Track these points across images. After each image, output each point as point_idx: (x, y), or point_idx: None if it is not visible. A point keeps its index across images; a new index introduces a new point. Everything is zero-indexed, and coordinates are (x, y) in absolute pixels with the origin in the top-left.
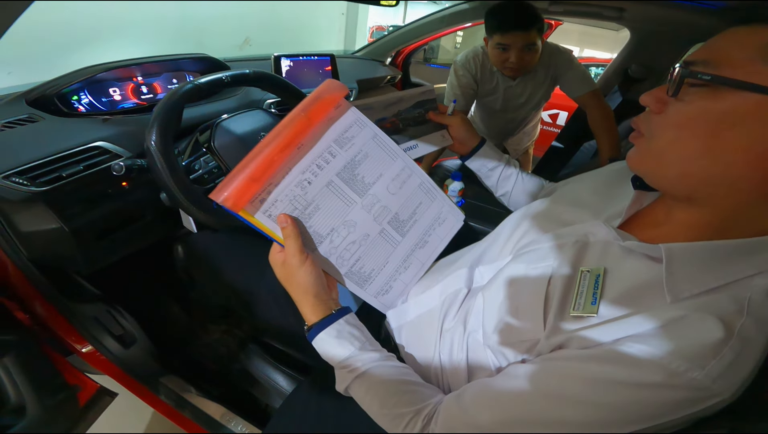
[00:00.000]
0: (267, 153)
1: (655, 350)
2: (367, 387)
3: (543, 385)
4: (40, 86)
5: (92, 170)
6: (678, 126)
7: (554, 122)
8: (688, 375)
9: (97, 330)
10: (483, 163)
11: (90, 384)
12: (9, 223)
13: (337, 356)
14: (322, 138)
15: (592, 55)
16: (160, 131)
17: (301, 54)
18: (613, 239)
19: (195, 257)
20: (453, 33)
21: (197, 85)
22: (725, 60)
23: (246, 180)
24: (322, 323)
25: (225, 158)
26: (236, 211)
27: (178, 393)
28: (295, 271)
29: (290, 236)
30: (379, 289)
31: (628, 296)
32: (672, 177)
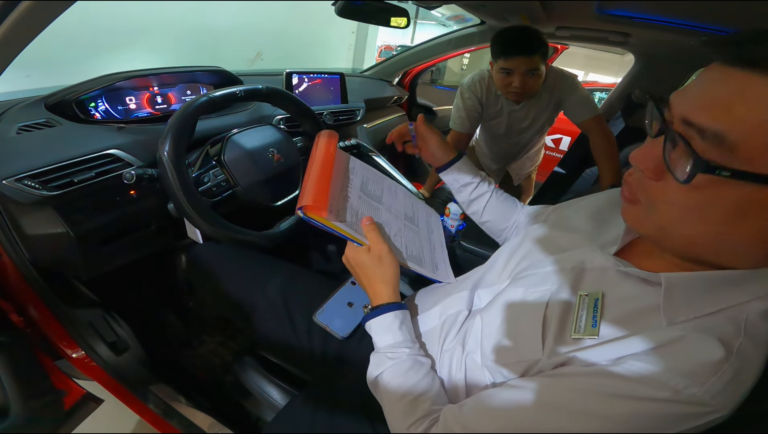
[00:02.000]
0: (321, 175)
1: (656, 367)
2: (398, 375)
3: (546, 397)
4: (60, 92)
5: (103, 177)
6: (684, 208)
7: (557, 146)
8: (689, 391)
9: (90, 335)
10: (456, 177)
11: (76, 389)
12: (15, 225)
13: (390, 339)
14: (340, 166)
15: (597, 79)
16: (173, 142)
17: (312, 72)
18: (611, 265)
19: (197, 267)
20: (460, 55)
21: (212, 98)
22: (742, 142)
23: (319, 196)
24: (392, 307)
25: (234, 172)
26: (320, 220)
27: (166, 402)
28: (383, 263)
29: (375, 234)
30: (432, 266)
31: (627, 318)
32: (676, 245)
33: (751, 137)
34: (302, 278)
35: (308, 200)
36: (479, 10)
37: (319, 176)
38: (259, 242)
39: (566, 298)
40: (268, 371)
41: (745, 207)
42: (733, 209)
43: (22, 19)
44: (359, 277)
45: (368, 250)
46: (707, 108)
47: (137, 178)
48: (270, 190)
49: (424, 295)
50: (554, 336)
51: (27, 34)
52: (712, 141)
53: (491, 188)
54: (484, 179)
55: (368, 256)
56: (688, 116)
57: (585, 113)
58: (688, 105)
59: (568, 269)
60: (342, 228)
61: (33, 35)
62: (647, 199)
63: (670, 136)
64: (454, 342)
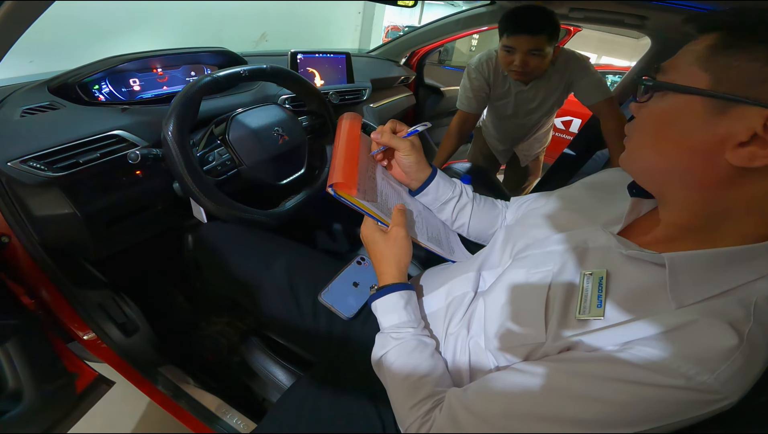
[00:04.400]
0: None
1: (665, 353)
2: (402, 354)
3: (551, 382)
4: (63, 75)
5: (109, 158)
6: (638, 128)
7: (567, 129)
8: (699, 378)
9: (100, 317)
10: (435, 196)
11: (88, 372)
12: (23, 207)
13: (395, 319)
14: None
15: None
16: (177, 122)
17: (317, 51)
18: (614, 246)
19: (203, 247)
20: (469, 36)
21: (215, 78)
22: (673, 66)
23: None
24: (398, 286)
25: (239, 151)
26: (349, 198)
27: (175, 384)
28: (397, 244)
29: (401, 217)
30: (449, 249)
31: (633, 298)
32: (638, 172)
33: (681, 56)
34: (308, 257)
35: (339, 177)
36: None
37: (346, 157)
38: (265, 221)
39: (569, 278)
40: (274, 351)
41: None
42: (662, 117)
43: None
44: (371, 255)
45: (386, 231)
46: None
47: (142, 158)
48: (275, 169)
49: (431, 275)
50: (558, 318)
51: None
52: (659, 72)
53: (471, 196)
54: (463, 189)
55: (384, 236)
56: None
57: (597, 95)
58: None
59: (570, 249)
60: (369, 207)
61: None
62: (629, 132)
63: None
64: (459, 325)
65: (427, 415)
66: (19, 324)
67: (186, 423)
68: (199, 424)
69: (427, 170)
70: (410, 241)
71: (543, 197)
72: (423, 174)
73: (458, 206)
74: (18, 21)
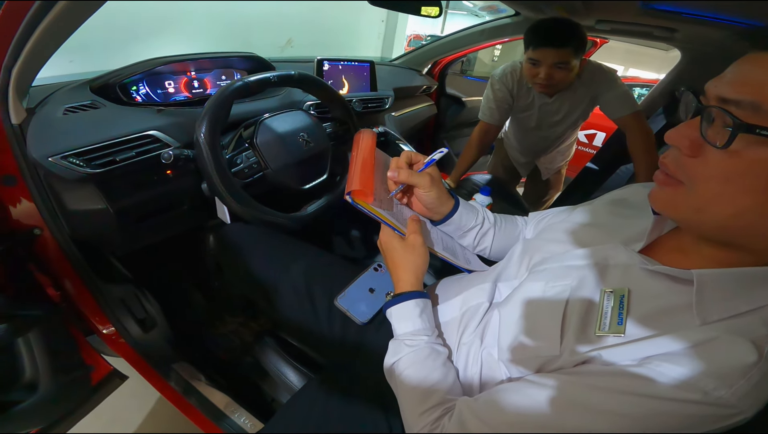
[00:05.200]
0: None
1: (684, 369)
2: (415, 362)
3: (564, 394)
4: (104, 75)
5: (143, 157)
6: (725, 179)
7: (590, 142)
8: (716, 393)
9: (121, 311)
10: (458, 226)
11: (104, 365)
12: (58, 201)
13: (410, 327)
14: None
15: (637, 75)
16: (210, 125)
17: (342, 59)
18: (636, 263)
19: (224, 247)
20: (491, 46)
21: (246, 83)
22: (761, 100)
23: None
24: (413, 294)
25: (265, 155)
26: (365, 205)
27: (187, 380)
28: (414, 252)
29: (416, 225)
30: (465, 259)
31: (655, 316)
32: (711, 228)
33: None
34: (325, 262)
35: (356, 185)
36: (514, 1)
37: (363, 168)
38: (287, 224)
39: (588, 294)
40: (287, 353)
41: None
42: None
43: (67, 10)
44: (388, 262)
45: (403, 239)
46: (742, 85)
47: (174, 158)
48: (299, 173)
49: (447, 284)
50: (575, 333)
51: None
52: (749, 110)
53: (492, 222)
54: (485, 216)
55: (402, 243)
56: (724, 94)
57: (623, 109)
58: (723, 86)
59: (590, 265)
60: (385, 215)
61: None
62: (686, 177)
63: (707, 114)
64: (472, 335)
65: (437, 422)
66: (43, 315)
67: (194, 420)
68: (207, 422)
69: (449, 203)
70: (427, 249)
71: (563, 212)
72: (445, 208)
73: (480, 232)
74: (70, 21)
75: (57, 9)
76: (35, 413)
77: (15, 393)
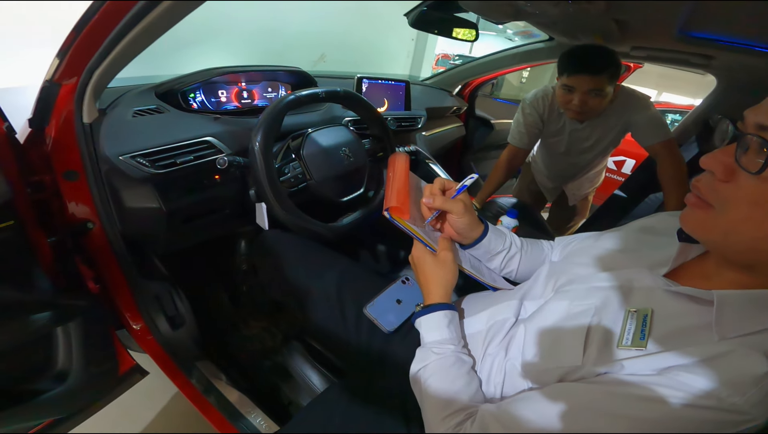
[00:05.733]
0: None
1: (701, 378)
2: (441, 369)
3: (584, 400)
4: (168, 82)
5: (200, 161)
6: (754, 203)
7: (619, 169)
8: (730, 400)
9: (154, 307)
10: (487, 250)
11: (127, 360)
12: (115, 197)
13: (437, 336)
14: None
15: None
16: (265, 135)
17: (380, 78)
18: (660, 285)
19: (261, 251)
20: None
21: (298, 97)
22: None
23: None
24: (443, 306)
25: (310, 167)
26: (401, 222)
27: (208, 379)
28: (445, 268)
29: (447, 243)
30: (491, 277)
31: (676, 334)
32: (737, 251)
33: None
34: (356, 272)
35: (394, 202)
36: (549, 27)
37: (400, 187)
38: (324, 234)
39: (612, 313)
40: (312, 357)
41: None
42: None
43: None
44: (419, 275)
45: (435, 255)
46: None
47: (228, 164)
48: (339, 186)
49: (474, 300)
50: (598, 346)
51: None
52: None
53: (519, 247)
54: (512, 241)
55: (433, 259)
56: (763, 121)
57: (655, 136)
58: (762, 114)
59: (614, 287)
60: (418, 232)
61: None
62: (717, 200)
63: (743, 140)
64: (498, 347)
65: (459, 426)
66: (85, 306)
67: (210, 419)
68: (223, 421)
69: (479, 228)
70: (457, 266)
71: (590, 237)
72: (475, 233)
73: (507, 256)
74: (165, 22)
75: (157, 11)
76: (59, 403)
77: (44, 382)
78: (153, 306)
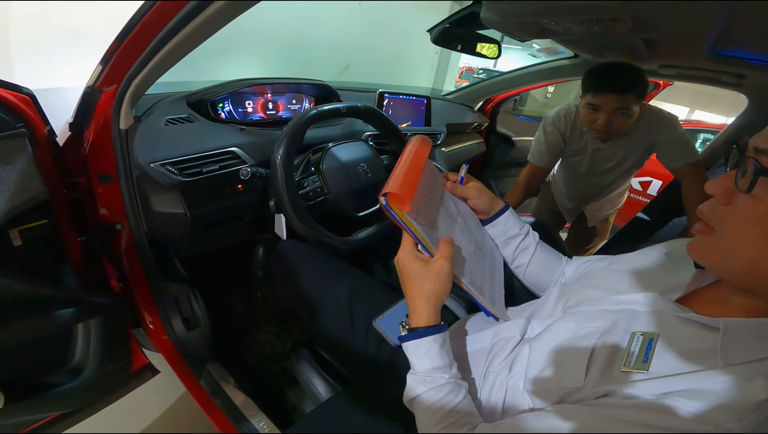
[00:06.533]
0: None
1: (699, 404)
2: (436, 400)
3: (581, 424)
4: (200, 91)
5: (224, 171)
6: (749, 223)
7: (645, 190)
8: (726, 425)
9: (171, 308)
10: (503, 230)
11: (141, 358)
12: (144, 201)
13: (429, 364)
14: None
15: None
16: (287, 148)
17: (401, 93)
18: (670, 311)
19: (278, 260)
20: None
21: (320, 111)
22: None
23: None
24: (433, 330)
25: (329, 181)
26: (399, 213)
27: (216, 381)
28: (438, 280)
29: (449, 250)
30: (491, 300)
31: (680, 358)
32: (737, 273)
33: None
34: (368, 285)
35: (395, 188)
36: (574, 45)
37: (408, 173)
38: (339, 247)
39: (618, 335)
40: (319, 365)
41: None
42: None
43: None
44: (405, 285)
45: (427, 261)
46: None
47: (251, 175)
48: (356, 201)
49: (480, 317)
50: (600, 368)
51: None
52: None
53: (536, 240)
54: (529, 231)
55: (423, 267)
56: (759, 144)
57: (681, 158)
58: (760, 138)
59: (623, 310)
60: (417, 228)
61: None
62: (718, 224)
63: (741, 164)
64: (501, 365)
65: None
66: (107, 304)
67: (215, 421)
68: (227, 423)
69: (499, 205)
70: (452, 278)
71: (605, 259)
72: (495, 207)
73: (522, 245)
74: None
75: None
76: (71, 397)
77: (59, 377)
78: (171, 307)
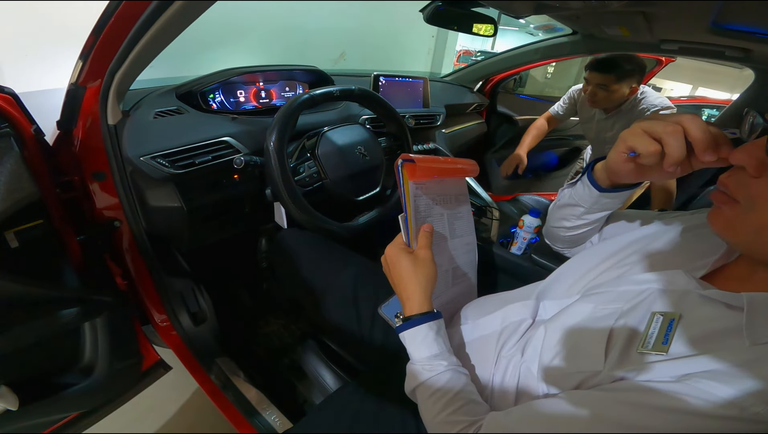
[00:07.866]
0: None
1: (723, 385)
2: (438, 388)
3: (598, 410)
4: (189, 83)
5: (217, 161)
6: None
7: None
8: (753, 409)
9: (178, 303)
10: (615, 204)
11: (152, 355)
12: (140, 197)
13: (426, 352)
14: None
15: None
16: (279, 135)
17: (397, 75)
18: (693, 288)
19: (279, 250)
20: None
21: (312, 96)
22: None
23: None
24: (427, 317)
25: (325, 166)
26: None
27: (227, 375)
28: (423, 266)
29: (427, 240)
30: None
31: (703, 339)
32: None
33: None
34: (373, 272)
35: (417, 159)
36: (572, 21)
37: (436, 162)
38: (340, 233)
39: (638, 316)
40: (327, 356)
41: None
42: None
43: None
44: (394, 277)
45: (412, 252)
46: None
47: (245, 164)
48: (354, 185)
49: (484, 301)
50: (619, 351)
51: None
52: None
53: None
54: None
55: (411, 257)
56: None
57: None
58: None
59: (644, 290)
60: (411, 208)
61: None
62: (747, 197)
63: None
64: (513, 349)
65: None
66: (113, 302)
67: (227, 415)
68: (239, 417)
69: None
70: (435, 266)
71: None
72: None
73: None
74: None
75: (169, 13)
76: (84, 397)
77: (70, 377)
78: (176, 302)
